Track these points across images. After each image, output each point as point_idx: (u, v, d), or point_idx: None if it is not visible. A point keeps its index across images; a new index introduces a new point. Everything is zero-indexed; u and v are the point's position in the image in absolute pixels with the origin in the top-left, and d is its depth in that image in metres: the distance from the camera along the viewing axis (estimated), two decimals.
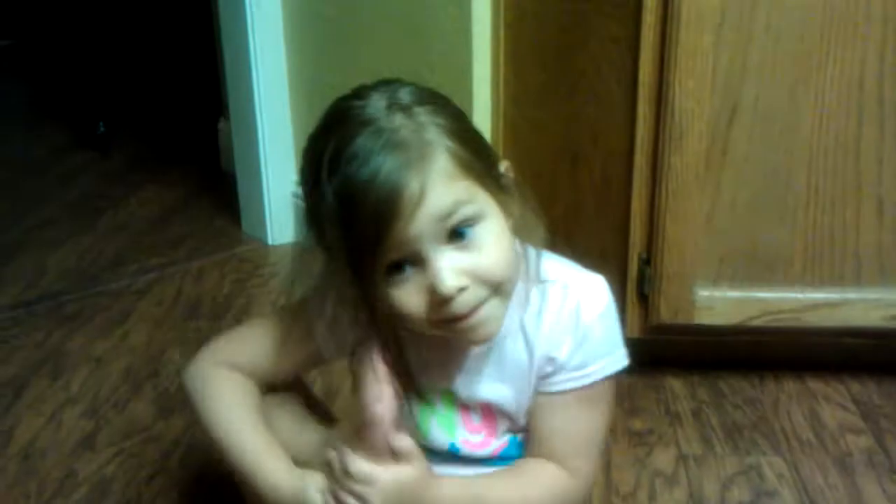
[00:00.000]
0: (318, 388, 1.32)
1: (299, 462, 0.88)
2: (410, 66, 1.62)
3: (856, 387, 1.42)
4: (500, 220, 0.80)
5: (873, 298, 1.32)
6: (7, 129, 3.01)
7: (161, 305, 1.77)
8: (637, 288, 1.36)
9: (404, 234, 0.75)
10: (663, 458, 1.27)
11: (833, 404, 1.38)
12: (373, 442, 0.79)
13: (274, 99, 1.96)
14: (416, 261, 0.77)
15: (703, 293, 1.34)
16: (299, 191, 0.85)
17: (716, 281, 1.34)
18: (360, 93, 0.80)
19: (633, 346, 0.89)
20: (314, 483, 0.83)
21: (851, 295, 1.33)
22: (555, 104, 1.41)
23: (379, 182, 0.73)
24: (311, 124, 0.81)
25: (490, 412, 0.90)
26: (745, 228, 1.31)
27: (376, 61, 1.70)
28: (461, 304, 0.77)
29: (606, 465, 1.24)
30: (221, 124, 2.41)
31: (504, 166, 0.84)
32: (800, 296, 1.33)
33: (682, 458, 1.27)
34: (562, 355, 0.85)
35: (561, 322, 0.85)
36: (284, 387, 0.98)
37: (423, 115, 0.78)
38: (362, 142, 0.74)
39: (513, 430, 0.91)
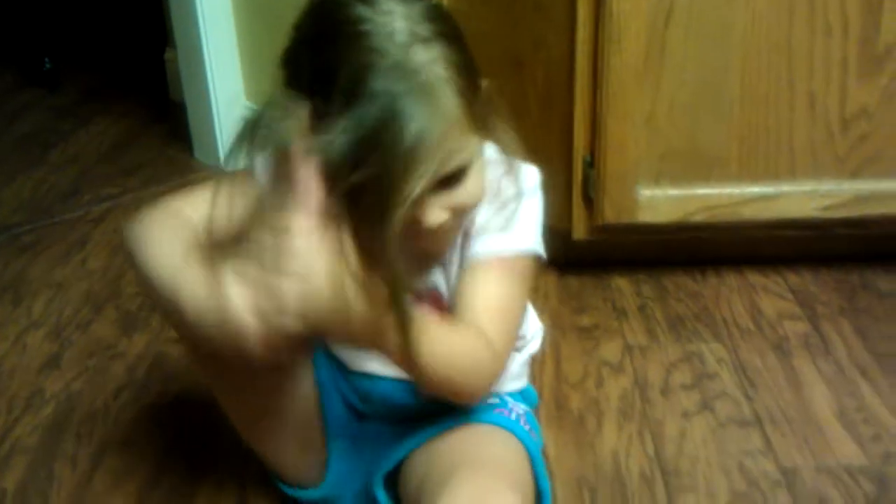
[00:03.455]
0: None
1: None
2: None
3: (793, 278, 1.48)
4: (482, 156, 0.83)
5: (807, 190, 1.38)
6: None
7: (118, 232, 1.77)
8: (582, 191, 1.41)
9: (415, 180, 0.74)
10: (609, 349, 1.33)
11: (771, 294, 1.44)
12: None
13: (219, 26, 1.94)
14: None
15: (645, 192, 1.38)
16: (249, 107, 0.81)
17: (657, 179, 1.38)
18: None
19: (580, 248, 0.91)
20: (231, 266, 0.69)
21: (786, 188, 1.38)
22: (496, 13, 1.43)
23: (408, 133, 0.71)
24: (258, 49, 0.75)
25: (439, 301, 0.93)
26: (683, 127, 1.35)
27: None
28: (439, 231, 0.82)
29: (556, 358, 1.30)
30: (168, 54, 2.39)
31: (484, 83, 0.84)
32: (737, 190, 1.38)
33: (627, 348, 1.33)
34: (476, 222, 0.88)
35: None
36: None
37: (439, 48, 0.76)
38: (386, 82, 0.72)
39: None
